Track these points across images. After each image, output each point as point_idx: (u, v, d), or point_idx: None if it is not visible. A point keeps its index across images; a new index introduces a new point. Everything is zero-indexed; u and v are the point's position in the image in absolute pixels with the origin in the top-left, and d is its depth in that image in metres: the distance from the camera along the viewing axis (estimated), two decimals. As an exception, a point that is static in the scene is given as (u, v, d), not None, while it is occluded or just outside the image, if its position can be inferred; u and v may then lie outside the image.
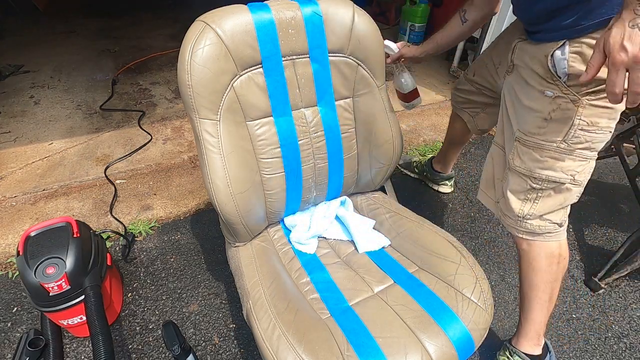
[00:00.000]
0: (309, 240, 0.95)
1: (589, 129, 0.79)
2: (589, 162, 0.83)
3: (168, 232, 1.47)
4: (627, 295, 1.34)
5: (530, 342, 1.02)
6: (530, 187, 0.88)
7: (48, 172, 1.71)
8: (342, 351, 0.66)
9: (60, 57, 2.78)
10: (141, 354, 1.10)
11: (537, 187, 0.87)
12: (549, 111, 0.81)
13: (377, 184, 1.07)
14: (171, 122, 2.13)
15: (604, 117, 0.78)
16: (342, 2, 0.82)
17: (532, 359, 1.03)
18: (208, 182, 0.76)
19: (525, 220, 0.92)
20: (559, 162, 0.83)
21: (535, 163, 0.86)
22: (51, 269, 0.93)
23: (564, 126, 0.80)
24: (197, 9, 0.94)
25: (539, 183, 0.87)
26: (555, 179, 0.85)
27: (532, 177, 0.87)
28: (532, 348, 1.03)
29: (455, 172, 1.86)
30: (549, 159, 0.84)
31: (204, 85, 0.72)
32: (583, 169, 0.83)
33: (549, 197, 0.88)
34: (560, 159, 0.83)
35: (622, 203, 1.76)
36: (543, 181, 0.86)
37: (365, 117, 0.94)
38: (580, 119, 0.78)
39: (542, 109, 0.82)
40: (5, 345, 1.10)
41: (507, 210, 0.95)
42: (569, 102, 0.78)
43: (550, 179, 0.85)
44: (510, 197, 0.92)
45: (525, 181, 0.89)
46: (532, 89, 0.84)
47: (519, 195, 0.91)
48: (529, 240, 0.94)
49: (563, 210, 0.90)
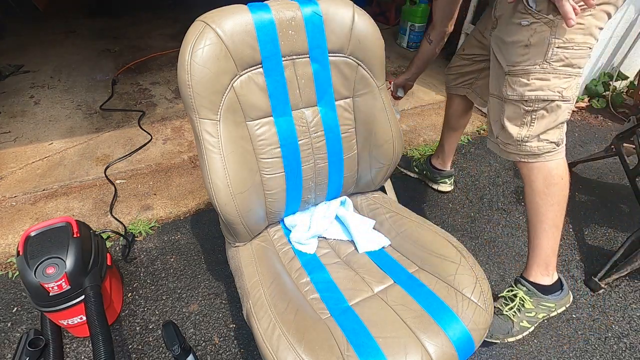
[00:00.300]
0: (309, 240, 0.95)
1: (565, 46, 0.87)
2: (573, 78, 0.91)
3: (168, 232, 1.47)
4: (627, 295, 1.34)
5: (537, 270, 1.05)
6: (524, 110, 0.96)
7: (48, 172, 1.72)
8: (342, 351, 0.66)
9: (60, 57, 2.78)
10: (141, 354, 1.10)
11: (530, 109, 0.95)
12: (527, 37, 0.89)
13: (377, 184, 1.07)
14: (171, 122, 2.13)
15: (579, 34, 0.86)
16: (342, 2, 0.82)
17: (537, 288, 1.05)
18: (208, 182, 0.76)
19: (524, 143, 0.98)
20: (545, 81, 0.91)
21: (524, 87, 0.93)
22: (51, 269, 0.93)
23: (543, 47, 0.89)
24: (197, 9, 0.94)
25: (530, 105, 0.94)
26: (544, 97, 0.92)
27: (524, 101, 0.94)
28: (539, 277, 1.05)
29: (455, 172, 1.86)
30: (535, 80, 0.92)
31: (204, 85, 0.72)
32: (569, 85, 0.92)
33: (543, 118, 0.95)
34: (546, 79, 0.91)
35: (622, 203, 1.76)
36: (534, 102, 0.94)
37: (365, 117, 0.94)
38: (556, 38, 0.86)
39: (522, 37, 0.91)
40: (5, 345, 1.10)
41: (507, 138, 1.01)
42: (542, 25, 0.87)
43: (540, 98, 0.93)
44: (508, 124, 1.00)
45: (518, 107, 0.96)
46: (512, 25, 0.92)
47: (516, 121, 0.98)
48: (529, 164, 1.00)
49: (558, 130, 0.97)
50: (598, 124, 2.42)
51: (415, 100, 2.48)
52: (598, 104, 2.55)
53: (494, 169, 1.92)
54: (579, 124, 2.41)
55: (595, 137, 2.28)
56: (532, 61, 0.91)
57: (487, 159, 1.99)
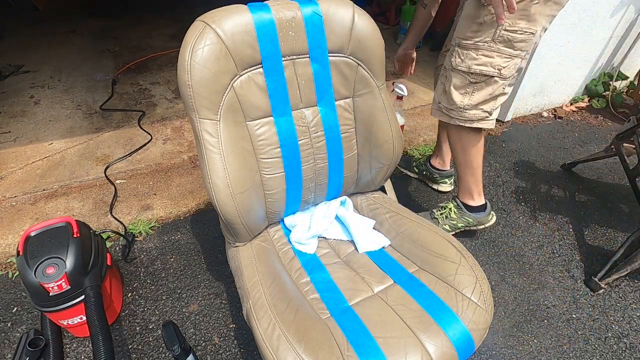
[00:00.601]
0: (309, 240, 0.95)
1: (511, 29, 1.01)
2: (512, 59, 1.06)
3: (168, 232, 1.47)
4: (627, 295, 1.34)
5: (463, 195, 1.39)
6: (469, 81, 1.12)
7: (48, 172, 1.72)
8: (342, 351, 0.66)
9: (60, 57, 2.78)
10: (141, 354, 1.10)
11: (474, 81, 1.11)
12: (483, 15, 1.02)
13: (377, 184, 1.07)
14: (171, 122, 2.13)
15: (523, 20, 1.00)
16: (342, 2, 0.82)
17: (464, 206, 1.39)
18: (208, 182, 0.76)
19: (465, 110, 1.17)
20: (490, 58, 1.07)
21: (472, 61, 1.08)
22: (51, 269, 0.93)
23: (492, 28, 1.02)
24: (197, 9, 0.94)
25: (475, 77, 1.11)
26: (486, 72, 1.08)
27: (470, 73, 1.11)
28: (465, 199, 1.39)
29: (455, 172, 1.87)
30: (482, 56, 1.07)
31: (204, 85, 0.72)
32: (508, 65, 1.07)
33: (482, 90, 1.13)
34: (491, 56, 1.06)
35: (622, 203, 1.76)
36: (478, 75, 1.10)
37: (365, 117, 0.94)
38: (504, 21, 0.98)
39: (478, 14, 1.03)
40: (5, 345, 1.10)
41: (451, 104, 1.19)
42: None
43: (484, 73, 1.09)
44: (454, 92, 1.16)
45: (465, 77, 1.13)
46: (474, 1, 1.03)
47: (460, 90, 1.15)
48: (463, 127, 1.21)
49: (493, 102, 1.15)
50: (598, 124, 2.42)
51: (415, 100, 2.48)
52: (598, 104, 2.55)
53: (494, 169, 1.92)
54: (579, 124, 2.41)
55: (595, 137, 2.28)
56: (482, 38, 1.05)
57: (487, 159, 1.99)
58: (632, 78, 2.64)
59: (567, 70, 2.34)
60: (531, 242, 1.53)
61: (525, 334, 1.21)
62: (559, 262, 1.46)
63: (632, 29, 2.37)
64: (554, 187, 1.83)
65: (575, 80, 2.48)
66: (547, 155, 2.06)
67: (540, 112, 2.48)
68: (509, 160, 2.00)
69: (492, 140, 2.15)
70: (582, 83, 2.54)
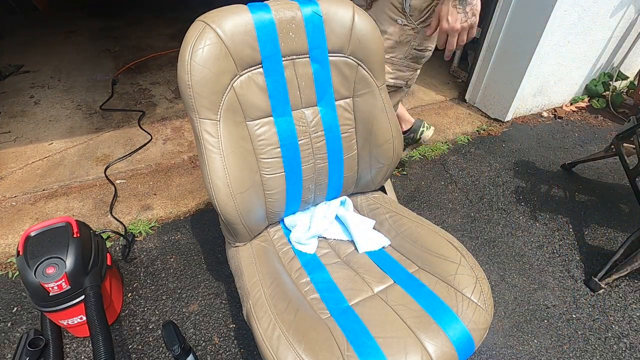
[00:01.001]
0: (309, 240, 0.95)
1: (418, 49, 1.16)
2: (416, 72, 1.25)
3: (168, 232, 1.47)
4: (627, 295, 1.34)
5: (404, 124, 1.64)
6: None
7: (48, 172, 1.72)
8: (342, 351, 0.66)
9: (60, 57, 2.78)
10: (141, 354, 1.10)
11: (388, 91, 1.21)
12: (399, 35, 1.13)
13: (377, 184, 1.07)
14: (171, 122, 2.13)
15: (429, 41, 1.16)
16: (342, 2, 0.82)
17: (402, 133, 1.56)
18: (208, 182, 0.76)
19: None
20: (401, 73, 1.21)
21: (388, 75, 1.19)
22: (51, 269, 0.93)
23: (406, 47, 1.16)
24: (197, 9, 0.94)
25: (389, 89, 1.18)
26: (398, 84, 1.24)
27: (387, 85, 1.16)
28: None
29: (455, 172, 1.87)
30: (396, 71, 1.21)
31: (204, 85, 0.72)
32: (412, 76, 1.25)
33: (392, 98, 1.25)
34: (402, 71, 1.21)
35: (622, 203, 1.76)
36: (391, 87, 1.23)
37: (365, 117, 0.94)
38: (415, 42, 1.14)
39: (395, 33, 1.13)
40: (5, 345, 1.10)
41: None
42: (410, 30, 1.12)
43: (396, 85, 1.24)
44: None
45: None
46: (388, 17, 1.12)
47: None
48: None
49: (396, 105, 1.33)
50: (598, 124, 2.42)
51: (415, 100, 2.48)
52: (598, 104, 2.55)
53: (494, 169, 1.92)
54: (579, 124, 2.41)
55: (595, 137, 2.28)
56: (396, 55, 1.17)
57: (487, 159, 1.99)
58: (632, 78, 2.64)
59: (567, 70, 2.34)
60: (531, 242, 1.53)
61: (525, 334, 1.21)
62: (559, 262, 1.46)
63: (632, 29, 2.37)
64: (554, 187, 1.83)
65: (575, 80, 2.48)
66: (547, 155, 2.06)
67: (540, 112, 2.48)
68: (509, 160, 2.00)
69: (492, 140, 2.15)
70: (582, 83, 2.54)
